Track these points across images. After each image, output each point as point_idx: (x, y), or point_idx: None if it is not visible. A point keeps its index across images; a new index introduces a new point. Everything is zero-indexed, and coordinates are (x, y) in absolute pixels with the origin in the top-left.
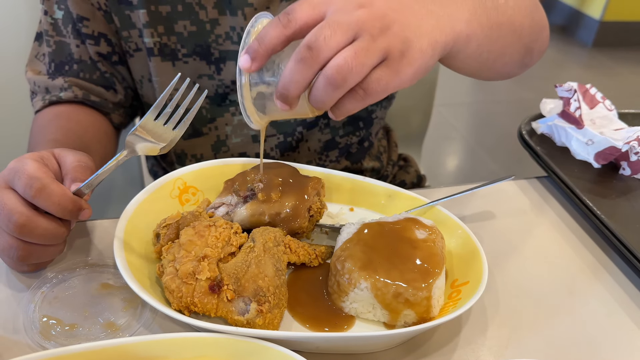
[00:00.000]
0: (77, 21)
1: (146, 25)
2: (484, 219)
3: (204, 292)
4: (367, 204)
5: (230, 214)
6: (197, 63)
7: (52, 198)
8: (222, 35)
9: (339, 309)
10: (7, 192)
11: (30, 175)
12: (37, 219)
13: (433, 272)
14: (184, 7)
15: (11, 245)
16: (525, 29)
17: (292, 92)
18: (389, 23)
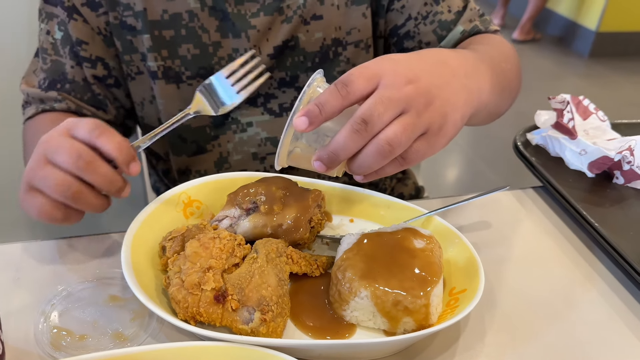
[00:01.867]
0: (76, 44)
1: (150, 50)
2: (481, 229)
3: (209, 302)
4: (367, 215)
5: (234, 226)
6: (255, 53)
7: (115, 138)
8: (224, 57)
9: (340, 318)
10: (70, 138)
11: (94, 122)
12: (101, 161)
13: (431, 281)
14: (187, 31)
15: (68, 183)
16: (515, 86)
17: (340, 157)
18: (431, 99)
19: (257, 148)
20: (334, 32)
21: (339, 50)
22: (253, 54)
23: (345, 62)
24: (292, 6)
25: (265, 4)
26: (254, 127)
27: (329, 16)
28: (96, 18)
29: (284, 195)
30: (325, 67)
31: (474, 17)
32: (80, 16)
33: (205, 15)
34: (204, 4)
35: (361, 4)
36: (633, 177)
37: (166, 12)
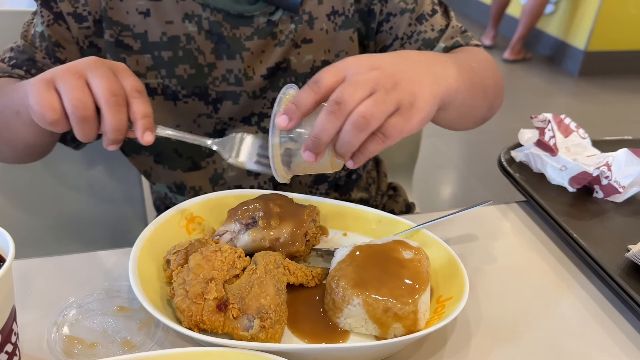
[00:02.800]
0: (54, 45)
1: (150, 69)
2: (467, 241)
3: (212, 310)
4: (359, 229)
5: (234, 240)
6: (195, 103)
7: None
8: (218, 77)
9: (335, 325)
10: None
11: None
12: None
13: (419, 289)
14: (184, 52)
15: (87, 106)
16: (490, 88)
17: (323, 139)
18: (398, 80)
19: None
20: (323, 55)
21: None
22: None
23: None
24: (284, 31)
25: (259, 28)
26: None
27: (319, 40)
28: (78, 30)
29: (281, 211)
30: None
31: (455, 34)
32: (65, 23)
33: (202, 39)
34: (201, 28)
35: (348, 28)
36: (612, 191)
37: (165, 35)
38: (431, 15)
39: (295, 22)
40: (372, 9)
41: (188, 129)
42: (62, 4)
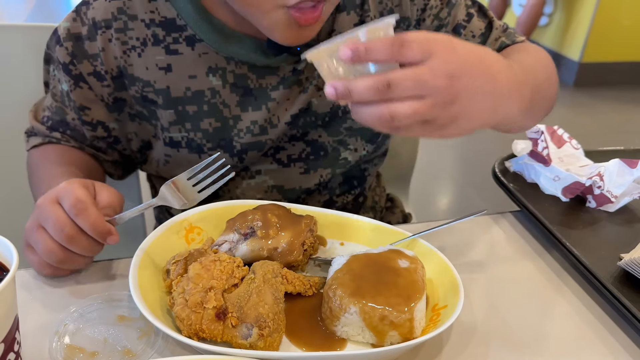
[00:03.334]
0: (79, 109)
1: (173, 123)
2: (462, 250)
3: (211, 319)
4: (356, 238)
5: (233, 250)
6: (220, 155)
7: (89, 219)
8: (243, 129)
9: (332, 333)
10: (58, 207)
11: (77, 197)
12: (81, 235)
13: (414, 297)
14: (209, 106)
15: (53, 250)
16: (551, 98)
17: (352, 98)
18: (454, 101)
19: (263, 194)
20: None
21: (346, 108)
22: (217, 156)
23: (351, 119)
24: (309, 78)
25: (284, 77)
26: (262, 175)
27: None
28: (101, 87)
29: (279, 221)
30: (334, 123)
31: (498, 35)
32: (86, 83)
33: (227, 92)
34: (226, 81)
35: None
36: (604, 200)
37: (189, 90)
38: (468, 21)
39: None
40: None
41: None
42: (81, 65)
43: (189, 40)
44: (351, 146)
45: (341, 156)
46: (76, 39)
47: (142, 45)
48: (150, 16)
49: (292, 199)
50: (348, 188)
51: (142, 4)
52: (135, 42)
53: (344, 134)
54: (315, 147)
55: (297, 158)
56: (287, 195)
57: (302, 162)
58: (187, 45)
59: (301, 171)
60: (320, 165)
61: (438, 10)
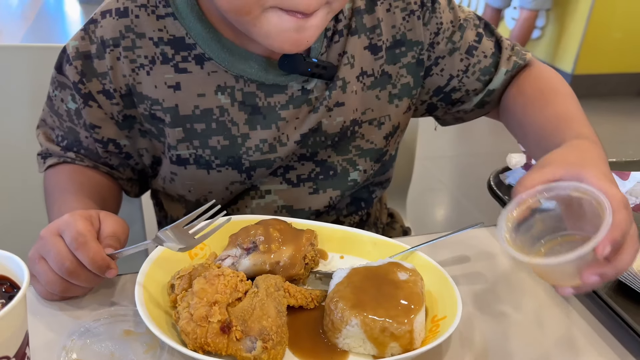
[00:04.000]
0: (90, 128)
1: (181, 141)
2: (459, 262)
3: (216, 333)
4: (356, 251)
5: (236, 265)
6: (229, 172)
7: (89, 254)
8: (252, 147)
9: (334, 345)
10: (59, 240)
11: (78, 231)
12: (81, 268)
13: (414, 309)
14: (217, 124)
15: (54, 282)
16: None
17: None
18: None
19: (272, 214)
20: (352, 114)
21: (355, 128)
22: (213, 204)
23: (360, 138)
24: (319, 98)
25: (293, 96)
26: (272, 195)
27: (349, 102)
28: (110, 105)
29: (280, 235)
30: (343, 143)
31: (509, 54)
32: (95, 102)
33: (235, 110)
34: (234, 99)
35: (375, 88)
36: None
37: (197, 108)
38: (478, 42)
39: (330, 88)
40: (421, 58)
41: (220, 196)
42: (90, 84)
43: (198, 58)
44: (360, 167)
45: (350, 177)
46: (85, 57)
47: (150, 63)
48: (159, 34)
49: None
50: (355, 209)
51: (150, 22)
52: (144, 60)
53: (352, 153)
54: (325, 167)
55: (306, 178)
56: (296, 216)
57: (312, 181)
58: (196, 64)
59: (310, 191)
60: (329, 186)
61: (450, 33)
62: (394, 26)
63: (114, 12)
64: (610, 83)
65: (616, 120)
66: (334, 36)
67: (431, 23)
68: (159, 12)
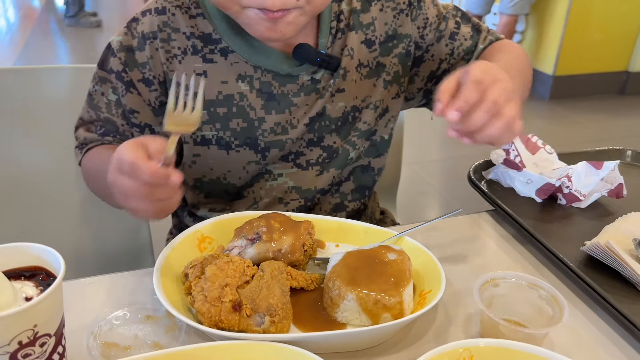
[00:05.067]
0: (129, 112)
1: (206, 122)
2: (444, 246)
3: (228, 311)
4: (350, 240)
5: (242, 254)
6: (246, 152)
7: (144, 175)
8: (267, 130)
9: (333, 319)
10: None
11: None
12: (152, 187)
13: (403, 283)
14: (237, 109)
15: (147, 209)
16: (530, 76)
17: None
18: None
19: (283, 194)
20: (352, 101)
21: (356, 114)
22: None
23: (360, 122)
24: (326, 87)
25: (304, 85)
26: (284, 177)
27: (350, 89)
28: (149, 92)
29: (281, 226)
30: (346, 128)
31: (486, 35)
32: (135, 89)
33: (253, 96)
34: (252, 87)
35: (371, 78)
36: (573, 199)
37: (220, 94)
38: (458, 28)
39: (334, 77)
40: (409, 50)
41: (237, 175)
42: (132, 73)
43: (222, 51)
44: (358, 146)
45: (349, 156)
46: (127, 50)
47: (182, 54)
48: (191, 30)
49: (308, 198)
50: (360, 196)
51: (184, 19)
52: (177, 51)
53: (351, 135)
54: (330, 151)
55: (314, 162)
56: (304, 195)
57: (319, 165)
58: (221, 56)
59: (317, 173)
60: (332, 166)
61: (437, 24)
62: (387, 23)
63: (154, 10)
64: (590, 83)
65: (598, 119)
66: (337, 33)
67: (418, 19)
68: (191, 12)
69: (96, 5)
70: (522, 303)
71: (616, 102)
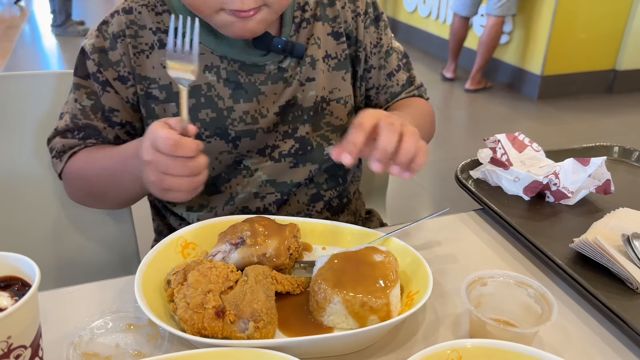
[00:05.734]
0: (109, 112)
1: (176, 114)
2: (432, 246)
3: (211, 317)
4: (336, 242)
5: (226, 259)
6: (217, 142)
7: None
8: (236, 119)
9: (320, 323)
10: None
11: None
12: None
13: (389, 285)
14: (205, 99)
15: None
16: (429, 133)
17: (388, 150)
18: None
19: (258, 188)
20: (321, 91)
21: (324, 105)
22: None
23: (329, 115)
24: (293, 75)
25: (271, 74)
26: (259, 172)
27: (319, 78)
28: (125, 89)
29: (265, 230)
30: (317, 118)
31: (413, 89)
32: (112, 88)
33: (221, 86)
34: (219, 77)
35: (340, 70)
36: (561, 196)
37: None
38: (397, 71)
39: (301, 65)
40: (358, 55)
41: (211, 165)
42: (106, 72)
43: None
44: (333, 142)
45: (325, 152)
46: (100, 51)
47: (150, 49)
48: (157, 25)
49: (284, 191)
50: (334, 184)
51: (150, 16)
52: (145, 46)
53: (324, 129)
54: (303, 143)
55: (287, 154)
56: (279, 189)
57: (292, 157)
58: None
59: (291, 165)
60: (308, 160)
61: (385, 52)
62: (346, 21)
63: (121, 10)
64: (578, 82)
65: (587, 118)
66: (302, 23)
67: (370, 31)
68: (157, 9)
69: (83, 14)
70: (511, 302)
71: (604, 101)
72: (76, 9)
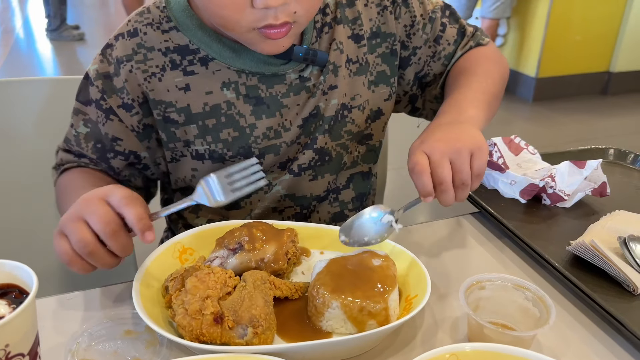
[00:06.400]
0: (112, 141)
1: (197, 137)
2: (429, 248)
3: (210, 323)
4: (334, 247)
5: (223, 264)
6: (254, 160)
7: (136, 210)
8: (259, 136)
9: (318, 328)
10: (105, 204)
11: (126, 191)
12: (123, 231)
13: (388, 289)
14: (226, 118)
15: (89, 242)
16: (499, 87)
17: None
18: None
19: (276, 203)
20: (342, 98)
21: (345, 113)
22: (255, 162)
23: (350, 123)
24: (316, 84)
25: (292, 84)
26: (277, 186)
27: (341, 85)
28: (130, 117)
29: (263, 235)
30: (337, 127)
31: (467, 40)
32: (116, 116)
33: (241, 103)
34: (239, 93)
35: (361, 74)
36: (557, 199)
37: (207, 105)
38: (443, 31)
39: (324, 73)
40: (394, 49)
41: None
42: (110, 99)
43: (202, 60)
44: (350, 150)
45: (343, 160)
46: (105, 77)
47: (161, 71)
48: (166, 45)
49: (304, 205)
50: (359, 205)
51: (157, 36)
52: (155, 69)
53: (344, 138)
54: (322, 153)
55: (306, 167)
56: (299, 203)
57: (311, 169)
58: (201, 65)
59: (310, 178)
60: (326, 171)
61: (423, 25)
62: (371, 19)
63: (126, 34)
64: (573, 84)
65: (582, 119)
66: (324, 27)
67: (404, 17)
68: (163, 27)
69: (78, 18)
70: (509, 305)
71: (599, 103)
72: (71, 13)
